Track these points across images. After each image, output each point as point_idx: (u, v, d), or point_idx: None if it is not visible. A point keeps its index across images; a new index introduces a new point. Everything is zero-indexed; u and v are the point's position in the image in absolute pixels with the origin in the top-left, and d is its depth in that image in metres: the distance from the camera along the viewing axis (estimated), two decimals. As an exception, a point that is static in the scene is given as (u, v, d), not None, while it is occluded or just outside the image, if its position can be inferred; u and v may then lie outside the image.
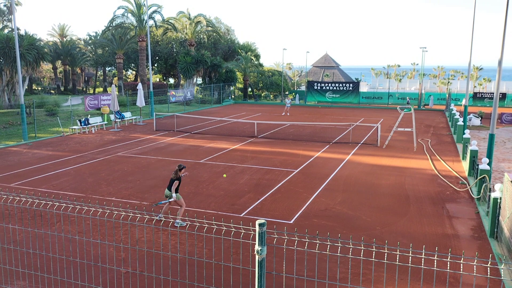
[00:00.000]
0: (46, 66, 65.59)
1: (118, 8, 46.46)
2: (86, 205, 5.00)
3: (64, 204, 4.53)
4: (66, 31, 67.42)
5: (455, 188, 14.99)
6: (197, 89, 49.74)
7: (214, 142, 23.23)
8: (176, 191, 11.13)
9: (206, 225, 3.96)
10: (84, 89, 68.22)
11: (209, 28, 55.56)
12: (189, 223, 4.38)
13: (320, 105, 46.51)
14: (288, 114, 37.58)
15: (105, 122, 28.95)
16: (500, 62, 14.87)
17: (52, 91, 60.79)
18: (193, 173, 16.69)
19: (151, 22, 47.53)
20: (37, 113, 30.15)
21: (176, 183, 11.06)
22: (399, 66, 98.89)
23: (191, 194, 14.07)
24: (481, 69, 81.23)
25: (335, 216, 12.20)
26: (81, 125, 26.56)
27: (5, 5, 53.90)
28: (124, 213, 4.68)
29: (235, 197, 13.76)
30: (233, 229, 3.85)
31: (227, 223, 11.26)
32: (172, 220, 10.79)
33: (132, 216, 4.66)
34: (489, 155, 15.24)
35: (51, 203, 4.93)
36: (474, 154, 16.17)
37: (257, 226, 3.52)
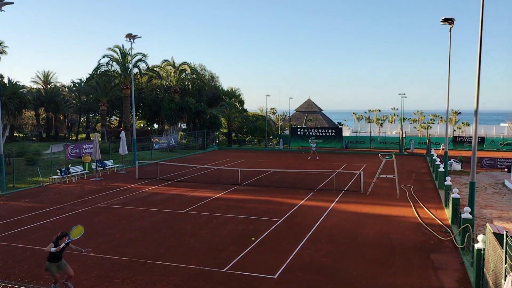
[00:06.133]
0: (28, 113, 65.21)
1: (103, 57, 46.75)
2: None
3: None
4: (50, 78, 67.64)
5: (439, 237, 14.93)
6: (181, 134, 49.79)
7: (197, 191, 22.96)
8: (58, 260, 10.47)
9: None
10: (67, 135, 67.67)
11: (194, 76, 56.41)
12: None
13: (303, 151, 46.84)
14: (317, 158, 38.09)
15: (86, 171, 28.50)
16: (476, 112, 15.28)
17: (33, 138, 60.16)
18: (175, 225, 16.36)
19: (135, 70, 47.99)
20: (16, 162, 29.56)
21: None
22: (379, 110, 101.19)
23: (172, 248, 13.70)
24: (459, 113, 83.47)
25: (320, 269, 11.96)
26: (61, 175, 26.06)
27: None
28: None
29: (218, 250, 13.44)
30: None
31: (210, 279, 10.91)
32: None
33: None
34: (471, 203, 15.33)
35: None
36: (456, 202, 16.26)
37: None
